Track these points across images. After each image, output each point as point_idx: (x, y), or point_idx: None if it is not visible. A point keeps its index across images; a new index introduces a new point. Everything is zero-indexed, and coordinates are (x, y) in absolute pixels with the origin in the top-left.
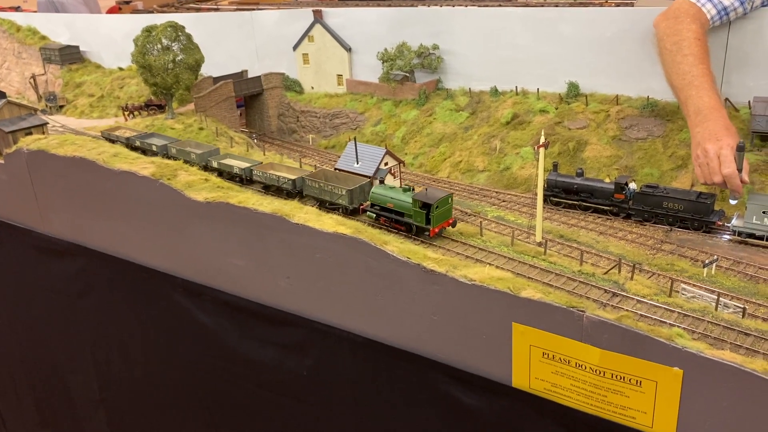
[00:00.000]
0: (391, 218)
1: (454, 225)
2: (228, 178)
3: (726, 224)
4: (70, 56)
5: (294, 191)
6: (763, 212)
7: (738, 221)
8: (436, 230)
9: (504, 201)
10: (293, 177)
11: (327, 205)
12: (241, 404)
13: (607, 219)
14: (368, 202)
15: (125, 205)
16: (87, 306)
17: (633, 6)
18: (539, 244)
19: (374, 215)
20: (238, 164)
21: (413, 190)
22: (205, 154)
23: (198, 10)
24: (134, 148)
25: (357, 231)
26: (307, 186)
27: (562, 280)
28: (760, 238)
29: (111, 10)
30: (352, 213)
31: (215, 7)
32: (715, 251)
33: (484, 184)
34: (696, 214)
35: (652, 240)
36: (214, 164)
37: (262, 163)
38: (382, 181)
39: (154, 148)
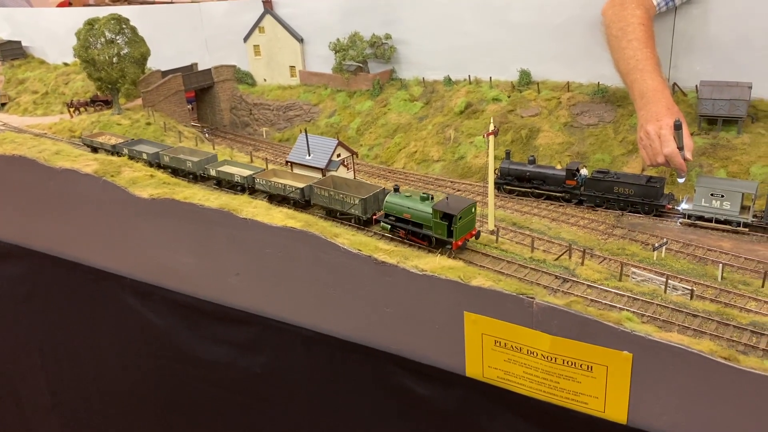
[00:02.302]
0: (408, 230)
1: (477, 236)
2: (229, 188)
3: (676, 207)
4: (11, 52)
5: (302, 201)
6: (711, 195)
7: (687, 204)
8: (459, 243)
9: (459, 190)
10: (301, 185)
11: (338, 215)
12: (196, 404)
13: (560, 206)
14: (382, 212)
15: (69, 204)
16: (33, 310)
17: None
18: (491, 232)
19: (389, 226)
20: (239, 172)
21: (432, 198)
22: (202, 161)
23: (152, 3)
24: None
25: (307, 224)
26: (315, 195)
27: (514, 267)
28: (709, 220)
29: (62, 4)
30: (365, 224)
31: (168, 0)
32: (665, 234)
33: (440, 174)
34: (646, 198)
35: (604, 225)
36: (212, 172)
37: (264, 170)
38: (397, 189)
39: (145, 156)
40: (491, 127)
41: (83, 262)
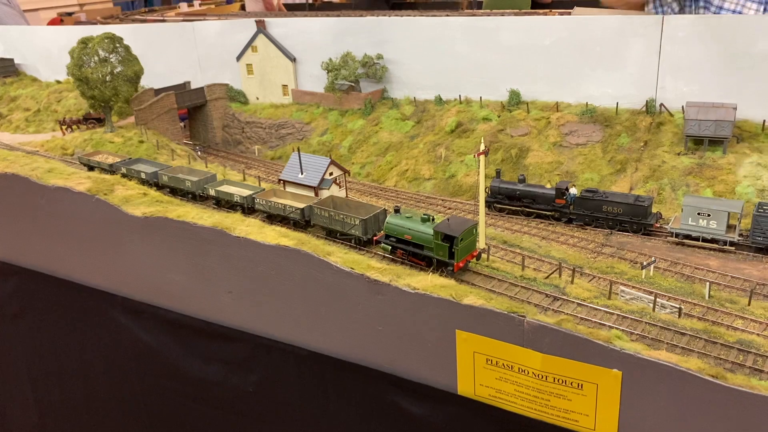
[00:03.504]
0: (408, 251)
1: (478, 258)
2: (228, 207)
3: (664, 226)
4: (4, 69)
5: (302, 221)
6: (698, 214)
7: (675, 223)
8: (461, 265)
9: (450, 208)
10: (302, 206)
11: (338, 236)
12: (187, 423)
13: (550, 224)
14: (382, 233)
15: (61, 222)
16: (23, 328)
17: (570, 15)
18: (483, 250)
19: (389, 247)
20: (238, 192)
21: (433, 220)
22: (201, 181)
23: (144, 21)
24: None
25: (300, 242)
26: (315, 215)
27: (504, 285)
28: (696, 239)
29: (53, 22)
30: (365, 244)
31: (161, 18)
32: (653, 253)
33: (431, 192)
34: (634, 216)
35: (593, 243)
36: (211, 192)
37: (264, 190)
38: (398, 210)
39: (143, 176)
40: (482, 147)
41: (75, 280)
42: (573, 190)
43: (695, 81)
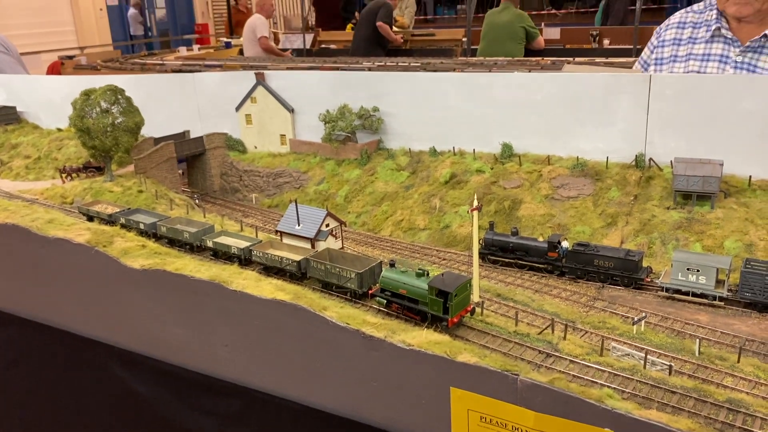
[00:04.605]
0: (403, 305)
1: (472, 313)
2: (225, 259)
3: (654, 280)
4: (6, 117)
5: (299, 273)
6: (687, 269)
7: (665, 278)
8: (455, 320)
9: (444, 259)
10: (298, 258)
11: (334, 289)
12: None
13: (543, 277)
14: (378, 286)
15: (60, 273)
16: (17, 378)
17: (560, 71)
18: (477, 305)
19: (384, 301)
20: (235, 244)
21: (428, 274)
22: (199, 232)
23: (143, 65)
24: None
25: (296, 296)
26: (312, 268)
27: (498, 341)
28: (686, 293)
29: (53, 65)
30: (360, 297)
31: (160, 62)
32: (644, 307)
33: (426, 243)
34: (625, 271)
35: (585, 297)
36: (209, 243)
37: (261, 241)
38: (393, 264)
39: (141, 227)
40: (475, 203)
41: (72, 331)
42: (565, 244)
43: (683, 137)
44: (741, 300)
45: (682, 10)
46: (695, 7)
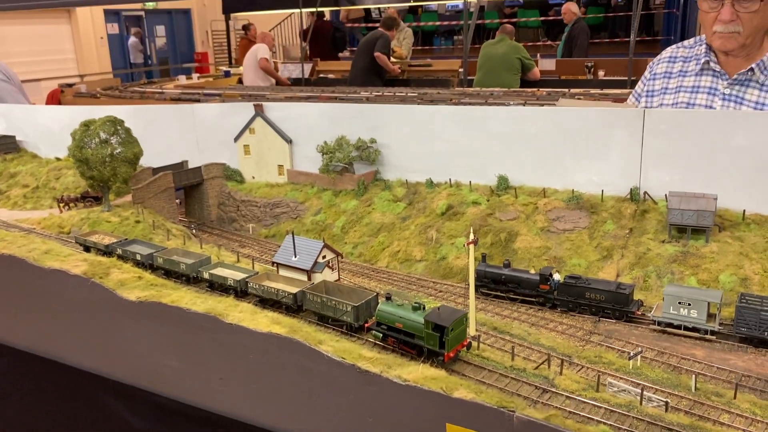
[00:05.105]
0: (399, 339)
1: (469, 347)
2: (222, 290)
3: (646, 313)
4: (5, 146)
5: (295, 306)
6: (679, 303)
7: (657, 311)
8: (451, 355)
9: (441, 291)
10: (294, 291)
11: (330, 322)
12: None
13: (539, 310)
14: (374, 320)
15: (56, 304)
16: (11, 408)
17: (555, 105)
18: (473, 338)
19: (380, 335)
20: (232, 275)
21: (424, 308)
22: (196, 264)
23: (142, 94)
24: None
25: (292, 330)
26: (308, 301)
27: (495, 376)
28: (678, 327)
29: (53, 93)
30: (356, 331)
31: (159, 91)
32: (640, 342)
33: (422, 274)
34: (616, 304)
35: (582, 331)
36: (205, 275)
37: (258, 273)
38: (389, 298)
39: (138, 258)
40: (471, 236)
41: (66, 362)
42: (557, 276)
43: (677, 171)
44: (736, 334)
45: (674, 45)
46: (686, 42)
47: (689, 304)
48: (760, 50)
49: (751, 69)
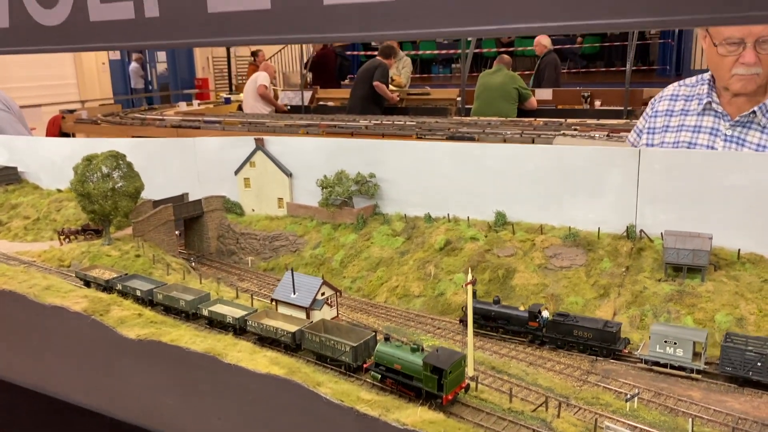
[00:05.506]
0: (398, 381)
1: (467, 389)
2: (221, 327)
3: (633, 351)
4: (7, 177)
5: (293, 345)
6: (665, 341)
7: (644, 350)
8: (450, 397)
9: (439, 328)
10: (293, 329)
11: (328, 361)
12: None
13: (536, 348)
14: (372, 360)
15: (55, 341)
16: None
17: (551, 144)
18: (471, 379)
19: (379, 376)
20: (231, 313)
21: (422, 350)
22: (195, 301)
23: (143, 120)
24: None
25: (291, 371)
26: (306, 340)
27: (493, 419)
28: (664, 366)
29: (54, 119)
30: (355, 371)
31: (160, 117)
32: (637, 382)
33: (420, 310)
34: (603, 342)
35: (579, 371)
36: (205, 312)
37: (257, 310)
38: (388, 339)
39: (138, 293)
40: (469, 277)
41: (65, 399)
42: (545, 314)
43: (672, 210)
44: (722, 373)
45: (675, 83)
46: (687, 81)
47: (675, 343)
48: (763, 93)
49: (754, 111)
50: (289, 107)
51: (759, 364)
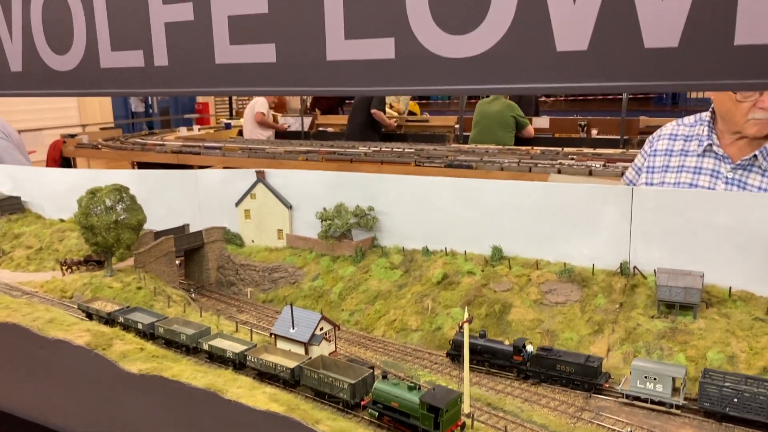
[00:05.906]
0: (395, 419)
1: (463, 428)
2: (221, 362)
3: (614, 386)
4: (10, 207)
5: (292, 381)
6: (645, 377)
7: (625, 385)
8: None
9: (436, 363)
10: (292, 365)
11: (327, 398)
12: None
13: (533, 384)
14: (370, 398)
15: (58, 374)
16: None
17: (547, 181)
18: (467, 416)
19: (377, 413)
20: (230, 347)
21: (420, 388)
22: (196, 335)
23: (143, 145)
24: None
25: (290, 408)
26: (305, 376)
27: None
28: (645, 401)
29: (55, 144)
30: (353, 408)
31: (160, 143)
32: (630, 419)
33: (418, 344)
34: (585, 376)
35: (573, 408)
36: (205, 346)
37: (256, 346)
38: (385, 376)
39: (140, 326)
40: (466, 315)
41: (65, 431)
42: (529, 348)
43: (665, 247)
44: (700, 409)
45: (674, 122)
46: (686, 120)
47: (655, 378)
48: (764, 137)
49: (755, 155)
50: (288, 126)
51: (735, 399)
